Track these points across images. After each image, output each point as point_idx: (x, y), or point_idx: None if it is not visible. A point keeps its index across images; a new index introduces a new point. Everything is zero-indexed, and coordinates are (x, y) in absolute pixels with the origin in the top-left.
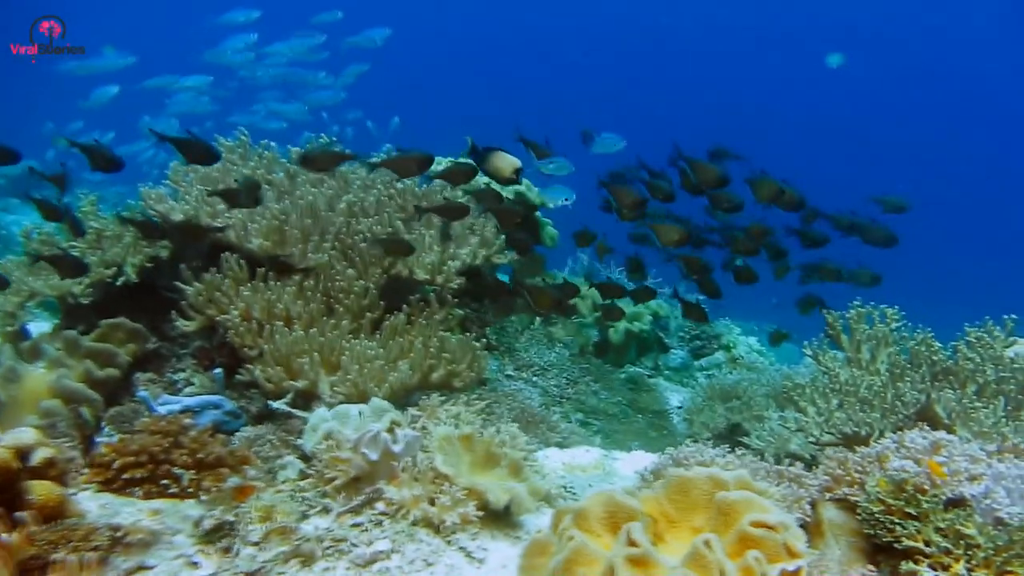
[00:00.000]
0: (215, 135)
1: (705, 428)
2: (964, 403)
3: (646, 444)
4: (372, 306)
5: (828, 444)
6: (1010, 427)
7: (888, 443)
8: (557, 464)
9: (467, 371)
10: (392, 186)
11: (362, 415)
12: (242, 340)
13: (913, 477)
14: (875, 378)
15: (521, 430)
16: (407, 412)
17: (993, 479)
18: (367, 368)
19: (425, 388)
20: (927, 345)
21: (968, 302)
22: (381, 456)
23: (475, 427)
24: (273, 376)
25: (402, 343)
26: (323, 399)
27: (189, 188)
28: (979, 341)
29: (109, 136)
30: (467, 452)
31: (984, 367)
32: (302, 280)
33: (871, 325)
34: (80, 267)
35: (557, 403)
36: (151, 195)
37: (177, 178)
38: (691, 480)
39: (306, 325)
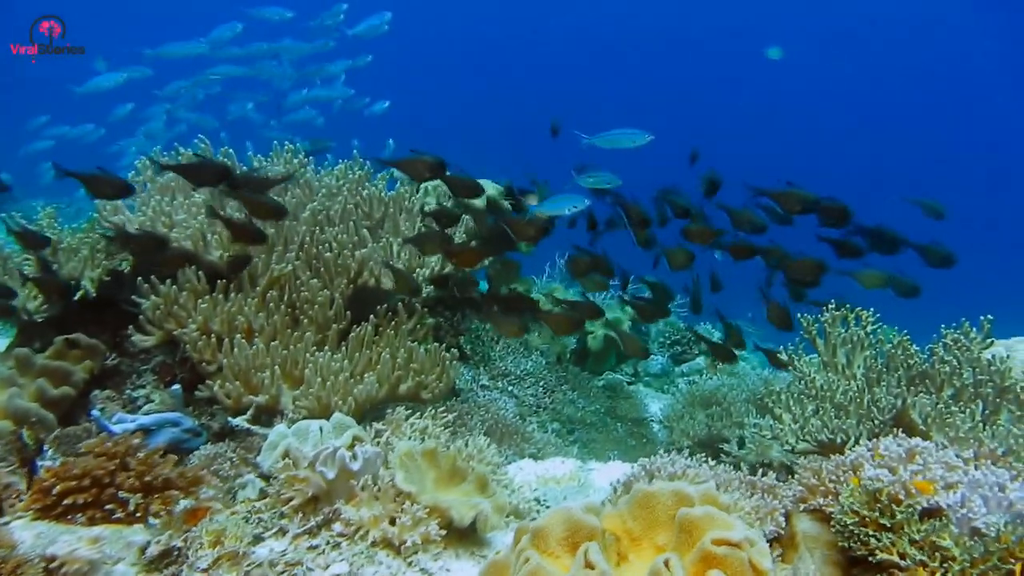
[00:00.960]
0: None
1: (685, 436)
2: (940, 408)
3: (624, 453)
4: (338, 317)
5: (804, 452)
6: (987, 432)
7: (863, 451)
8: (531, 476)
9: (436, 382)
10: (358, 193)
11: (323, 431)
12: (200, 355)
13: (888, 486)
14: (851, 383)
15: (494, 442)
16: (371, 427)
17: (969, 487)
18: (330, 381)
19: (393, 401)
20: (903, 348)
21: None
22: (338, 474)
23: (440, 441)
24: (232, 391)
25: (369, 355)
26: (286, 414)
27: (147, 199)
28: (956, 343)
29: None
30: (431, 468)
31: (961, 370)
32: (265, 291)
33: (846, 328)
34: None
35: (533, 413)
36: (106, 206)
37: None
38: (655, 495)
39: (268, 338)
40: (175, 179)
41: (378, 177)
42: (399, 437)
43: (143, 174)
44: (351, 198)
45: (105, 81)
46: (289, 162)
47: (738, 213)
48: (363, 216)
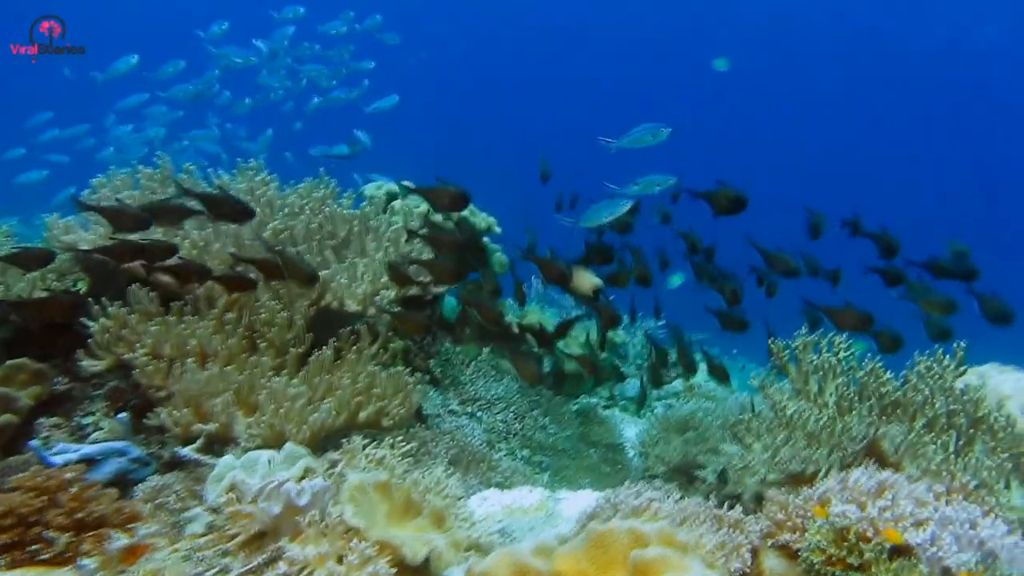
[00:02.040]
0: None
1: (660, 462)
2: (911, 438)
3: (598, 480)
4: (298, 340)
5: (775, 483)
6: (959, 464)
7: (832, 484)
8: (496, 506)
9: (399, 408)
10: (321, 212)
11: (272, 462)
12: (149, 380)
13: (855, 523)
14: (823, 411)
15: (459, 470)
16: (325, 457)
17: (940, 524)
18: (284, 408)
19: (354, 428)
20: (875, 376)
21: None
22: (284, 509)
23: (394, 473)
24: (181, 419)
25: (330, 380)
26: (239, 443)
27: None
28: (928, 371)
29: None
30: (384, 501)
31: (933, 399)
32: (221, 313)
33: (819, 355)
34: None
35: (503, 439)
36: (57, 225)
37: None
38: (610, 534)
39: (224, 362)
40: (131, 196)
41: (344, 195)
42: (354, 468)
43: (98, 191)
44: (314, 217)
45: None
46: (251, 180)
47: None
48: (327, 236)
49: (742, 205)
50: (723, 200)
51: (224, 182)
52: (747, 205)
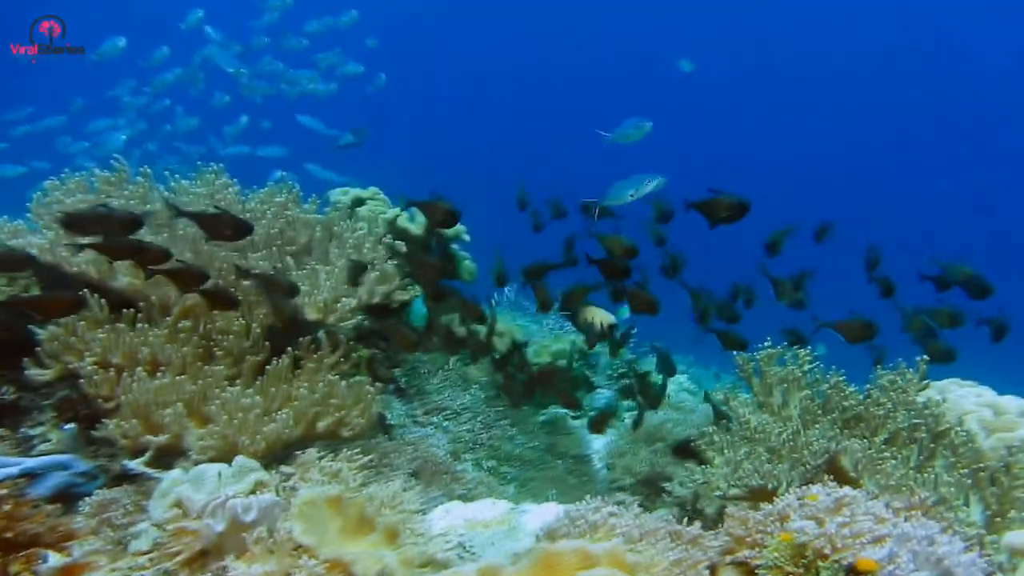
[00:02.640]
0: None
1: (627, 473)
2: (871, 453)
3: (564, 493)
4: (256, 348)
5: (736, 498)
6: (918, 480)
7: (792, 500)
8: (458, 520)
9: (358, 419)
10: (282, 217)
11: (221, 476)
12: (97, 390)
13: (813, 540)
14: (787, 424)
15: (422, 482)
16: (279, 470)
17: (898, 541)
18: (237, 419)
19: (311, 440)
20: (838, 389)
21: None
22: (228, 526)
23: (347, 487)
24: (129, 430)
25: (288, 390)
26: (190, 456)
27: (51, 223)
28: (891, 385)
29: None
30: (336, 517)
31: (895, 413)
32: (176, 321)
33: (783, 367)
34: None
35: (469, 450)
36: (4, 228)
37: (40, 211)
38: (558, 554)
39: (177, 372)
40: (85, 200)
41: (309, 200)
42: (308, 482)
43: (51, 195)
44: (275, 222)
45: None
46: (211, 184)
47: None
48: (287, 242)
49: (744, 211)
50: (721, 209)
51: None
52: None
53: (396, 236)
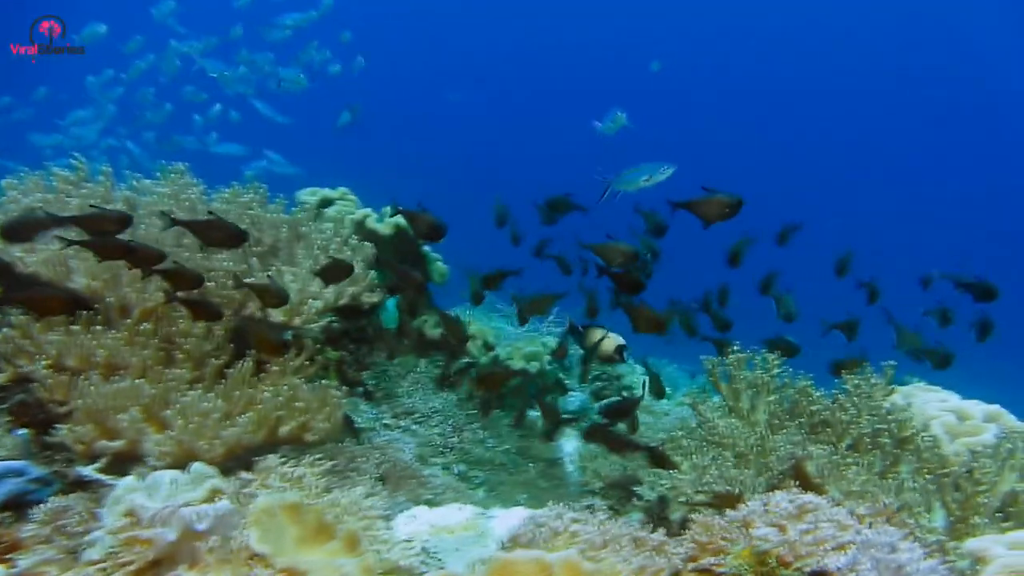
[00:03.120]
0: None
1: (598, 477)
2: (835, 459)
3: (534, 497)
4: (219, 351)
5: (701, 504)
6: (882, 485)
7: (756, 506)
8: (424, 525)
9: (323, 423)
10: (247, 216)
11: (177, 483)
12: (51, 394)
13: (776, 547)
14: (754, 430)
15: (389, 487)
16: (238, 477)
17: (860, 548)
18: (194, 423)
19: (274, 445)
20: (805, 394)
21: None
22: (181, 535)
23: (306, 493)
24: (83, 436)
25: (252, 393)
26: (147, 462)
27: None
28: (857, 389)
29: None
30: (294, 524)
31: (860, 419)
32: (136, 323)
33: (752, 371)
34: None
35: (439, 454)
36: None
37: None
38: (513, 564)
39: (136, 375)
40: (43, 199)
41: (275, 200)
42: (266, 488)
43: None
44: (240, 222)
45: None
46: (175, 183)
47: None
48: (253, 242)
49: (737, 208)
50: (715, 208)
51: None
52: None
53: (364, 238)
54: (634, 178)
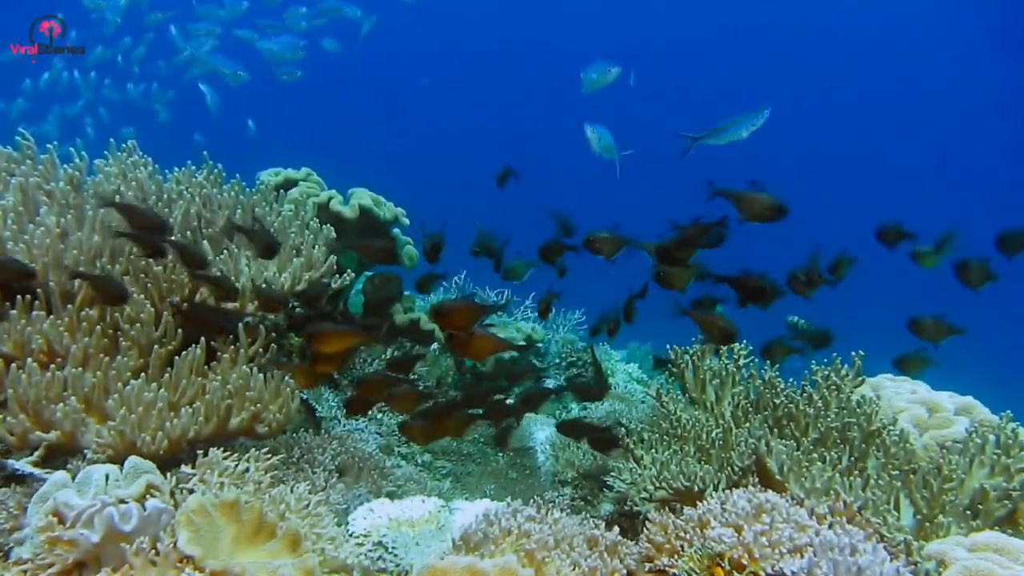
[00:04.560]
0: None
1: (570, 466)
2: (796, 455)
3: (503, 487)
4: (167, 337)
5: (662, 500)
6: (844, 483)
7: (714, 505)
8: (383, 519)
9: (276, 415)
10: (199, 196)
11: (109, 479)
12: None
13: (730, 550)
14: (719, 423)
15: (349, 479)
16: (176, 472)
17: (819, 550)
18: (136, 414)
19: (223, 437)
20: (771, 386)
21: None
22: (104, 536)
23: (255, 489)
24: (15, 427)
25: (202, 383)
26: (86, 455)
27: None
28: (825, 381)
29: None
30: (231, 524)
31: (827, 412)
32: (79, 309)
33: (718, 361)
34: None
35: (404, 443)
36: None
37: None
38: (445, 572)
39: (78, 363)
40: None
41: (231, 182)
42: (204, 484)
43: None
44: (192, 204)
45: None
46: (123, 162)
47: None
48: (205, 224)
49: (781, 214)
50: (757, 205)
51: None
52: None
53: (328, 220)
54: (735, 131)
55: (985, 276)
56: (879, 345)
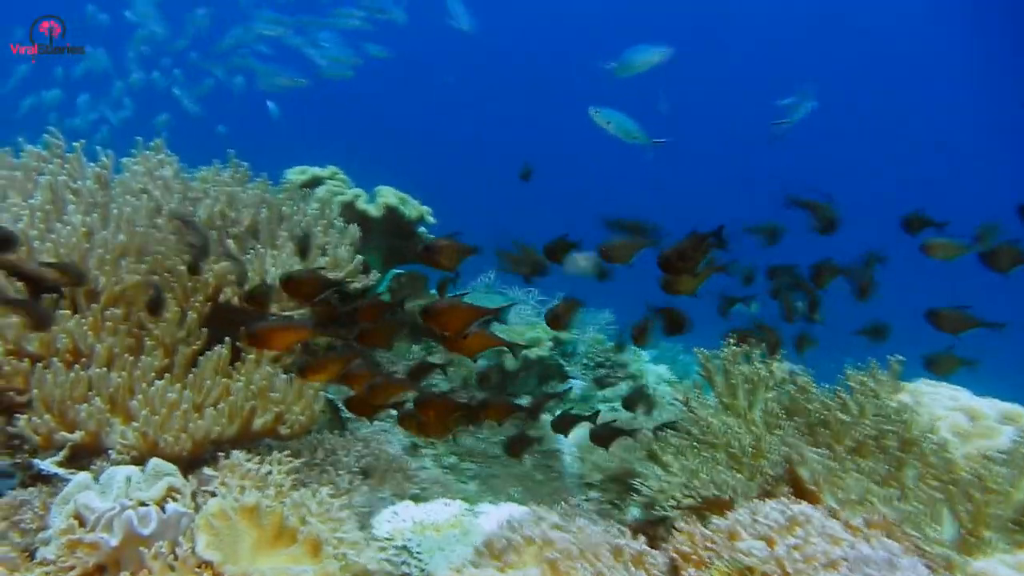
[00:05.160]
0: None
1: (597, 469)
2: (831, 465)
3: (529, 490)
4: (191, 337)
5: (690, 509)
6: (883, 494)
7: (744, 515)
8: (407, 522)
9: (299, 416)
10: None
11: (131, 481)
12: (8, 382)
13: (761, 564)
14: (751, 429)
15: (373, 481)
16: (198, 474)
17: (854, 565)
18: (160, 415)
19: (247, 438)
20: (803, 391)
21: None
22: (124, 540)
23: (277, 492)
24: (41, 426)
25: (227, 383)
26: (110, 456)
27: None
28: (861, 387)
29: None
30: (252, 528)
31: (862, 419)
32: (104, 308)
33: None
34: None
35: (429, 444)
36: None
37: None
38: None
39: (103, 363)
40: (9, 176)
41: (256, 180)
42: (225, 487)
43: None
44: (216, 203)
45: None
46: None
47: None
48: (230, 223)
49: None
50: (822, 216)
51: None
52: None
53: (353, 219)
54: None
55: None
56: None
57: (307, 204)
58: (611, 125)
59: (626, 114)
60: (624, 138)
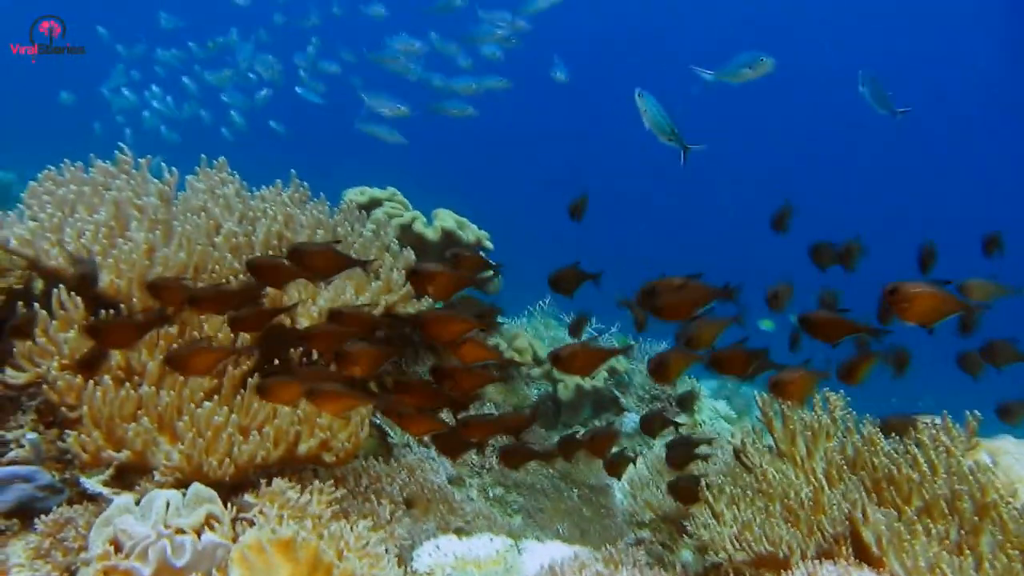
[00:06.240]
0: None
1: (648, 507)
2: (897, 526)
3: (575, 527)
4: (241, 359)
5: (742, 564)
6: (953, 562)
7: None
8: (449, 557)
9: (344, 443)
10: (283, 214)
11: (170, 505)
12: (61, 397)
13: None
14: (810, 480)
15: (416, 512)
16: (238, 501)
17: None
18: (205, 437)
19: (291, 464)
20: (870, 443)
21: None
22: (156, 570)
23: (315, 524)
24: (89, 444)
25: (273, 407)
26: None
27: (37, 212)
28: (934, 443)
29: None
30: (287, 562)
31: (934, 478)
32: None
33: (810, 412)
34: None
35: (475, 475)
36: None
37: (32, 200)
38: None
39: (154, 380)
40: (78, 191)
41: (316, 200)
42: (263, 517)
43: (43, 184)
44: (274, 223)
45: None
46: (212, 178)
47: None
48: (286, 244)
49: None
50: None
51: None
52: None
53: (410, 242)
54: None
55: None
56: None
57: (363, 226)
58: (647, 115)
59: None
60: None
